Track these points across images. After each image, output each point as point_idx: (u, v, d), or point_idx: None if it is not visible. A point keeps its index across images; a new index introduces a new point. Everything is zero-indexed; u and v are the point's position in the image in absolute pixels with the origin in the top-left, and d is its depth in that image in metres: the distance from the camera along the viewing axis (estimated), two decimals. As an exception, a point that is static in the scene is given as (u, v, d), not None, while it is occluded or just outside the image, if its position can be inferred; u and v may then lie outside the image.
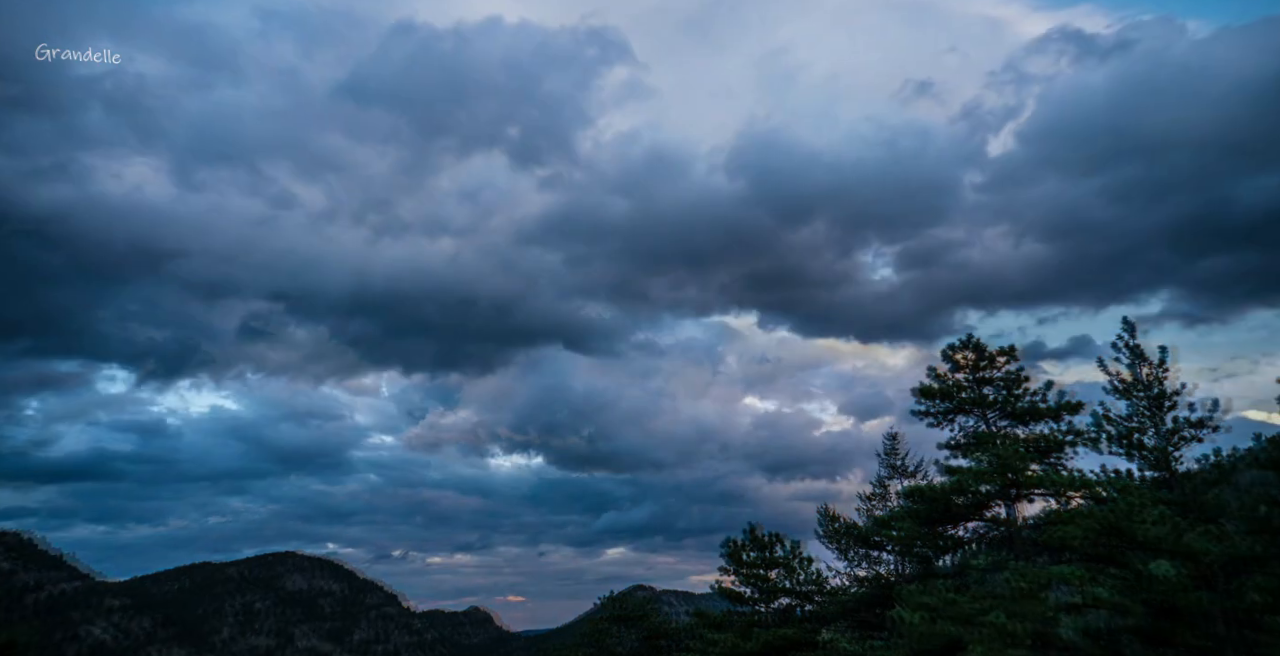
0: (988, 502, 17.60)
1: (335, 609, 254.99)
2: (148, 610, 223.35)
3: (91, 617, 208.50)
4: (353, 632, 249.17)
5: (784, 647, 22.88)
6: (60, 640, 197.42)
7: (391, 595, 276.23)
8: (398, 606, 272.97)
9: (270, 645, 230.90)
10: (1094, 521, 14.95)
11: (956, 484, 16.82)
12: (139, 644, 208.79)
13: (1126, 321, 19.79)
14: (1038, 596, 14.51)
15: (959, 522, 18.55)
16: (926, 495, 17.51)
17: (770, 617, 25.83)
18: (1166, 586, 15.81)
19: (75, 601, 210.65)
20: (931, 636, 15.05)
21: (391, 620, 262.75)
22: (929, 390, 19.06)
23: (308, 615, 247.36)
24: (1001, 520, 17.87)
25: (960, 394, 18.87)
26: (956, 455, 18.77)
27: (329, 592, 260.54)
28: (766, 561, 25.82)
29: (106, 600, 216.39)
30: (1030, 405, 18.35)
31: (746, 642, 22.95)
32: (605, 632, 34.10)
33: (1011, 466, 16.22)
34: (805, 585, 25.80)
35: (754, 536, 26.39)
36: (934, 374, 19.22)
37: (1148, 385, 19.38)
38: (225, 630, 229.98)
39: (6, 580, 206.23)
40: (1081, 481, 16.41)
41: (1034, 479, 16.37)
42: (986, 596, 15.34)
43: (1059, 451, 17.82)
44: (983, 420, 18.97)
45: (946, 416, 19.24)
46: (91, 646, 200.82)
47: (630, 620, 33.99)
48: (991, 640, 13.90)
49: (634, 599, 36.17)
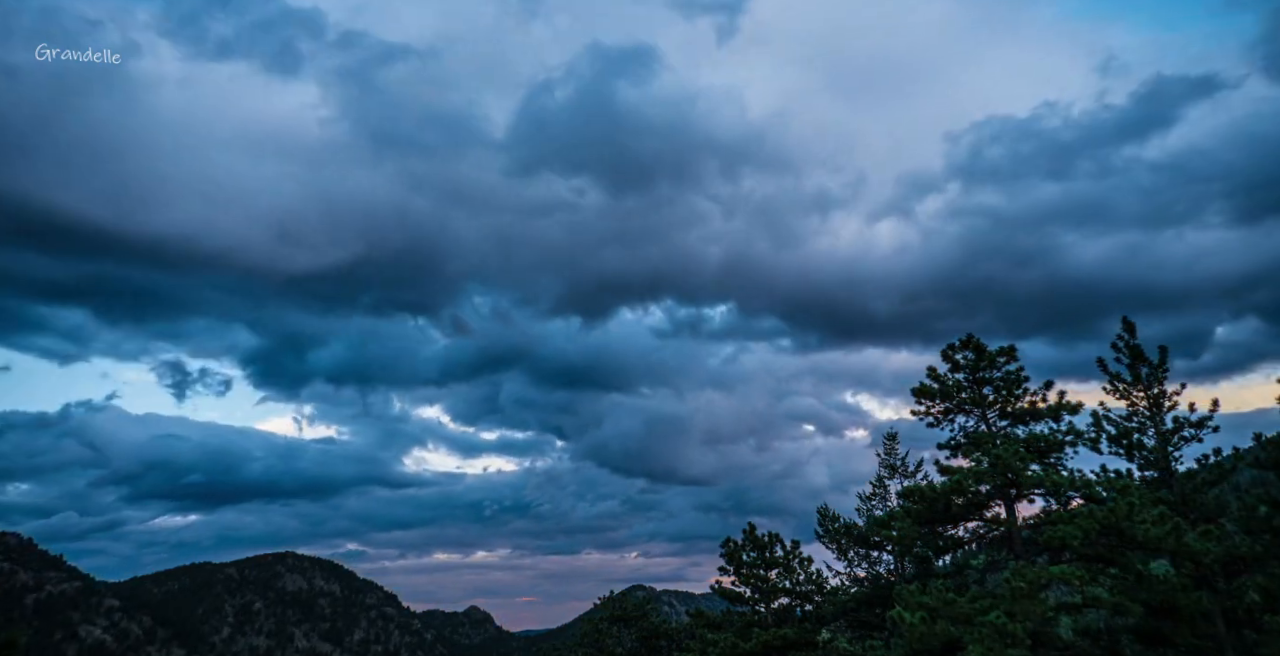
0: (986, 503, 17.56)
1: (334, 609, 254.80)
2: (146, 610, 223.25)
3: (90, 617, 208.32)
4: (351, 632, 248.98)
5: (783, 647, 22.85)
6: (59, 640, 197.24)
7: (390, 595, 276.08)
8: (396, 606, 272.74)
9: (269, 645, 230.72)
10: (1093, 521, 14.92)
11: (955, 484, 16.77)
12: (138, 644, 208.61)
13: (1126, 321, 19.79)
14: (1036, 596, 14.48)
15: (957, 523, 18.51)
16: (925, 495, 17.47)
17: (769, 617, 25.79)
18: (1165, 586, 15.79)
19: (74, 601, 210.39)
20: (930, 636, 15.01)
21: (390, 620, 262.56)
22: (927, 390, 19.02)
23: (306, 615, 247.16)
24: (1000, 520, 17.83)
25: (959, 394, 18.84)
26: (955, 455, 18.73)
27: (327, 593, 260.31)
28: (765, 561, 25.79)
29: (105, 600, 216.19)
30: (1029, 405, 18.32)
31: (745, 642, 22.92)
32: (604, 632, 34.07)
33: (1010, 466, 16.19)
34: (804, 585, 25.77)
35: (752, 536, 26.35)
36: (932, 374, 19.19)
37: (1147, 385, 19.37)
38: (224, 630, 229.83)
39: (6, 580, 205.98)
40: (1080, 481, 16.38)
41: (1033, 479, 16.33)
42: (985, 596, 15.31)
43: (1058, 451, 17.79)
44: (982, 420, 18.94)
45: (945, 416, 19.21)
46: (91, 646, 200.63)
47: (629, 620, 33.96)
48: (990, 640, 13.87)
49: (633, 599, 36.14)
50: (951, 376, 18.98)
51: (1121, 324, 19.78)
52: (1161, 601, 15.64)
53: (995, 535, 18.43)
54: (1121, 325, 19.78)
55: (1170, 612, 16.04)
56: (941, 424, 19.29)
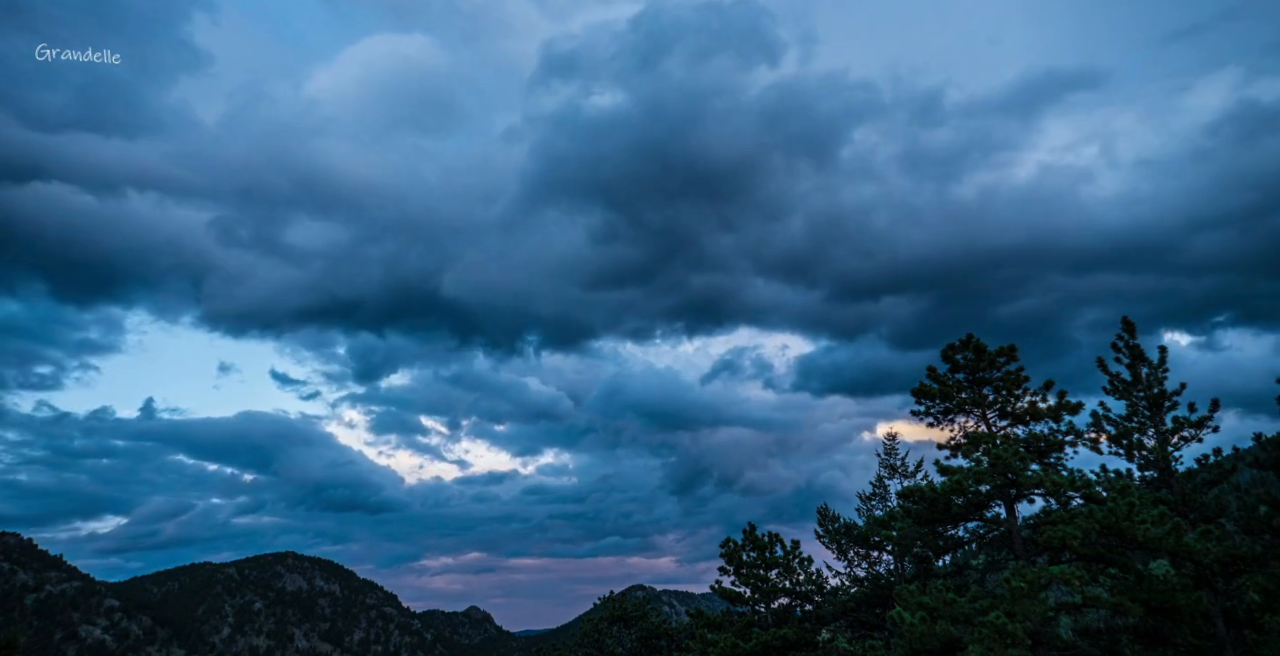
0: (986, 503, 17.54)
1: (334, 609, 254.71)
2: (146, 610, 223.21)
3: (90, 617, 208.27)
4: (351, 632, 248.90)
5: (782, 647, 22.83)
6: (59, 640, 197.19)
7: (390, 595, 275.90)
8: (396, 606, 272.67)
9: (269, 645, 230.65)
10: (1093, 521, 14.91)
11: (955, 484, 16.76)
12: (138, 644, 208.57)
13: (1126, 321, 19.79)
14: (1036, 596, 14.47)
15: (957, 523, 18.50)
16: (925, 495, 17.45)
17: (769, 617, 25.78)
18: (1165, 586, 15.78)
19: (74, 601, 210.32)
20: (930, 636, 15.01)
21: (390, 620, 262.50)
22: (927, 390, 19.01)
23: (306, 615, 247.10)
24: (1000, 520, 17.82)
25: (959, 394, 18.82)
26: (955, 455, 18.71)
27: (327, 593, 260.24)
28: (765, 561, 25.77)
29: (105, 600, 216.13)
30: (1029, 405, 18.31)
31: (745, 642, 22.90)
32: (603, 633, 34.01)
33: (1010, 466, 16.17)
34: (804, 585, 25.76)
35: (752, 536, 26.33)
36: (932, 374, 19.18)
37: (1147, 385, 19.37)
38: (224, 630, 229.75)
39: (6, 580, 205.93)
40: (1080, 481, 16.36)
41: (1033, 479, 16.31)
42: (985, 596, 15.30)
43: (1058, 451, 17.78)
44: (981, 420, 18.92)
45: (945, 416, 19.19)
46: (91, 646, 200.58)
47: (628, 620, 33.90)
48: (990, 640, 13.86)
49: (632, 599, 36.09)
50: (951, 376, 18.97)
51: (1121, 324, 19.79)
52: (1161, 601, 15.62)
53: (995, 535, 18.42)
54: (1121, 325, 19.79)
55: (1170, 612, 16.03)
56: (941, 424, 19.28)
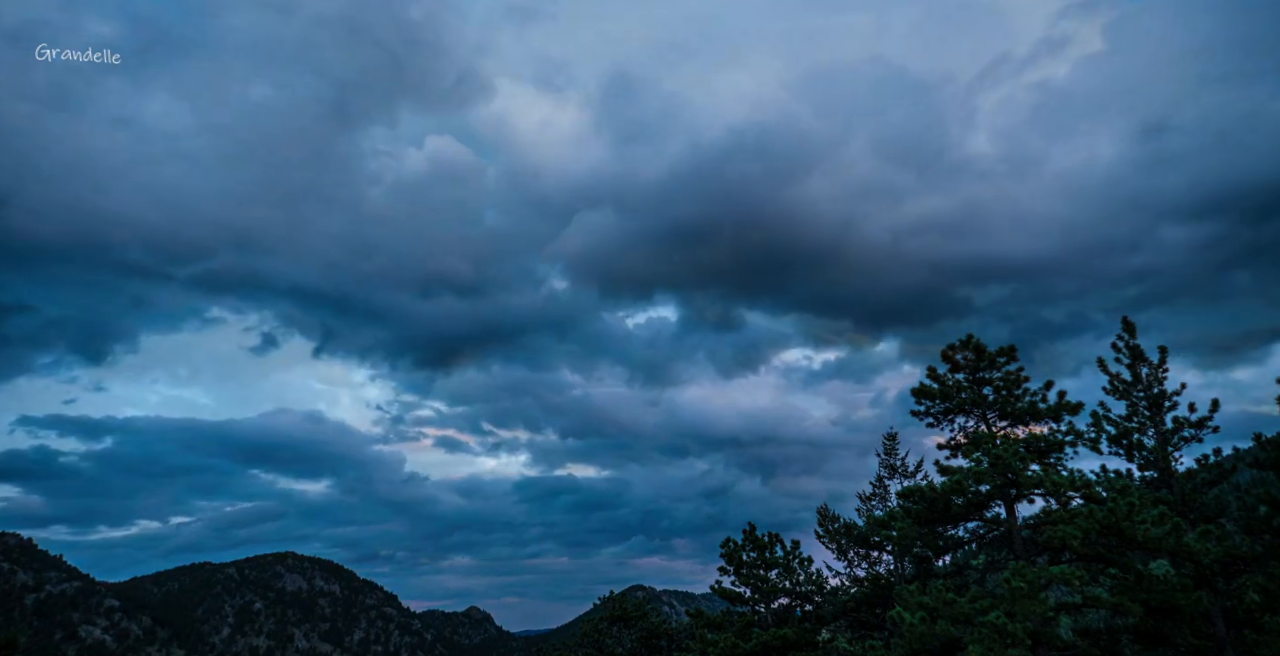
0: (986, 503, 17.54)
1: (334, 609, 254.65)
2: (146, 610, 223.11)
3: (90, 617, 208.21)
4: (352, 633, 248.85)
5: (782, 647, 22.83)
6: (59, 640, 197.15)
7: (390, 595, 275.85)
8: (396, 606, 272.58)
9: (269, 645, 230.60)
10: (1093, 521, 14.91)
11: (955, 484, 16.75)
12: (138, 644, 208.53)
13: (1126, 321, 19.78)
14: (1036, 596, 14.46)
15: (957, 523, 18.49)
16: (925, 495, 17.45)
17: (769, 618, 25.78)
18: (1165, 586, 15.78)
19: (74, 601, 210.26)
20: (930, 636, 15.01)
21: (390, 620, 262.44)
22: (927, 390, 18.99)
23: (306, 615, 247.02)
24: (1000, 520, 17.82)
25: (959, 394, 18.81)
26: (955, 455, 18.70)
27: (327, 593, 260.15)
28: (765, 561, 25.78)
29: (105, 600, 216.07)
30: (1029, 405, 18.30)
31: (745, 643, 22.90)
32: (603, 633, 34.01)
33: (1010, 466, 16.17)
34: (804, 585, 25.77)
35: (752, 536, 26.33)
36: (932, 374, 19.17)
37: (1147, 385, 19.37)
38: (224, 630, 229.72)
39: (6, 580, 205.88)
40: (1080, 481, 16.36)
41: (1033, 479, 16.30)
42: (985, 596, 15.29)
43: (1058, 451, 17.76)
44: (981, 420, 18.91)
45: (945, 417, 19.18)
46: (91, 646, 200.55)
47: (628, 620, 33.89)
48: (990, 640, 13.86)
49: (632, 599, 36.08)
50: (951, 377, 18.97)
51: (1122, 324, 19.78)
52: (1161, 601, 15.62)
53: (995, 535, 18.42)
54: (1122, 325, 19.78)
55: (1170, 612, 16.03)
56: (941, 424, 19.27)
